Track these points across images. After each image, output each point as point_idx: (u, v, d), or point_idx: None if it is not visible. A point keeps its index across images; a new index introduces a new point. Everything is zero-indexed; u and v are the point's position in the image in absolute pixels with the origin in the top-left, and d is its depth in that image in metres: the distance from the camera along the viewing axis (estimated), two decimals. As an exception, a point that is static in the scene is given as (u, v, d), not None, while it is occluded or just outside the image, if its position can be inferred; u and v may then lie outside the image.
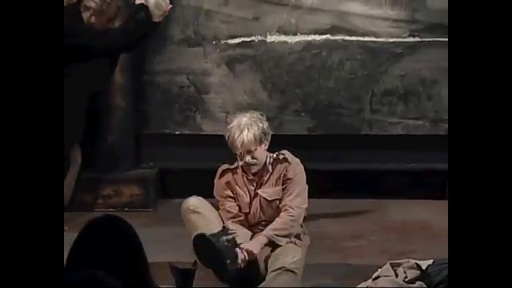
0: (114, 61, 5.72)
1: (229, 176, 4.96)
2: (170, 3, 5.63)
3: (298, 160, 4.94)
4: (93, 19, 5.53)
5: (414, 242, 5.63)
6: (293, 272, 4.63)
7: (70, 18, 5.32)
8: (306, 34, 6.77)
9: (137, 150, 6.82)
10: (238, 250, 4.61)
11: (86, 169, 6.06)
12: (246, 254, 4.63)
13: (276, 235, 4.76)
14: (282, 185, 4.88)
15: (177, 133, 6.86)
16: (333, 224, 6.02)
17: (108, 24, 5.61)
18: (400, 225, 6.07)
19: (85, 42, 5.41)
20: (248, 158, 4.79)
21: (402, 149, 6.74)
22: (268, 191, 4.89)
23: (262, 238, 4.76)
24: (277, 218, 4.82)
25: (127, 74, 6.60)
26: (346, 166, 6.67)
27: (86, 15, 5.53)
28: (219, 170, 5.00)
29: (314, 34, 6.80)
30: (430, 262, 4.61)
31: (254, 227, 4.93)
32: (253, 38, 6.78)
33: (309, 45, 6.79)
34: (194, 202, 4.92)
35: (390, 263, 4.65)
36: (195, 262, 4.06)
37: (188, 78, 6.83)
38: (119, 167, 6.60)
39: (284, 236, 4.78)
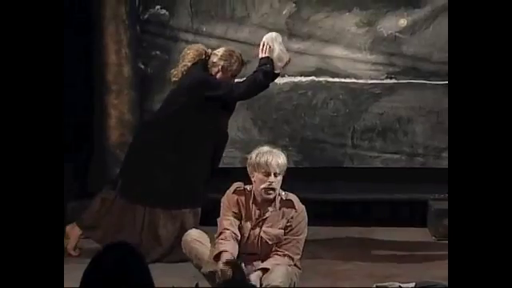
0: (234, 107, 6.08)
1: (241, 194, 5.09)
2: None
3: (302, 207, 5.12)
4: (219, 75, 5.88)
5: (398, 267, 5.83)
6: None
7: (203, 72, 5.79)
8: (293, 75, 7.15)
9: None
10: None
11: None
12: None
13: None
14: (285, 230, 5.04)
15: None
16: (322, 250, 6.13)
17: (232, 80, 5.93)
18: (385, 250, 6.28)
19: (220, 94, 5.78)
20: (273, 179, 4.96)
21: (381, 180, 7.04)
22: (269, 232, 5.04)
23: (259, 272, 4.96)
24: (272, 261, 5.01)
25: (135, 113, 6.97)
26: (330, 196, 6.94)
27: (213, 71, 5.87)
28: (234, 186, 5.15)
29: (301, 75, 7.18)
30: (412, 284, 5.06)
31: (242, 255, 5.06)
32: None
33: (296, 85, 7.17)
34: (196, 233, 5.23)
35: (377, 286, 5.08)
36: (197, 284, 4.21)
37: None
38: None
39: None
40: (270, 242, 5.06)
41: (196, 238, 5.18)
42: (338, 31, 7.13)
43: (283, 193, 5.10)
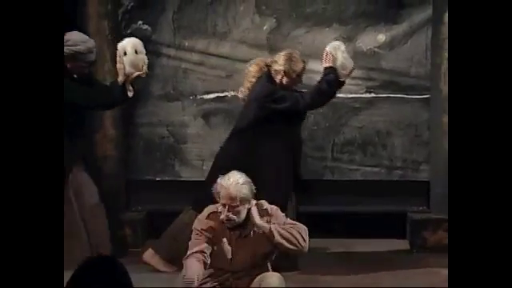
0: (305, 116, 6.14)
1: (215, 218, 4.92)
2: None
3: (274, 207, 4.99)
4: (284, 80, 5.93)
5: (378, 278, 5.96)
6: None
7: (268, 85, 5.82)
8: None
9: (126, 194, 7.16)
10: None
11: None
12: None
13: (279, 232, 4.80)
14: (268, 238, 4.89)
15: (157, 179, 7.23)
16: (302, 262, 6.07)
17: (298, 80, 5.97)
18: (365, 262, 6.37)
19: (286, 107, 5.83)
20: (228, 212, 4.82)
21: (361, 193, 7.15)
22: (254, 244, 4.89)
23: (267, 225, 4.80)
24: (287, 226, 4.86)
25: (119, 127, 7.01)
26: (311, 208, 6.85)
27: (277, 78, 5.93)
28: (206, 210, 4.99)
29: None
30: None
31: (236, 274, 4.93)
32: (226, 93, 7.23)
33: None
34: None
35: None
36: None
37: (168, 130, 7.25)
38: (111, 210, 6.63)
39: (286, 239, 4.81)
40: (257, 253, 4.93)
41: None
42: (319, 46, 7.08)
43: (254, 202, 4.96)
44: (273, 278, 4.85)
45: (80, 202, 6.04)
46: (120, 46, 5.73)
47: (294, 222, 4.99)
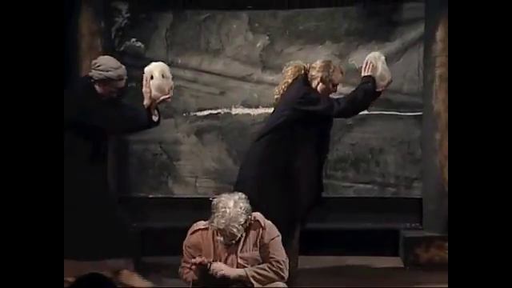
0: (331, 124, 6.06)
1: (198, 236, 4.99)
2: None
3: (269, 222, 5.00)
4: (320, 86, 5.88)
5: None
6: None
7: (304, 87, 5.78)
8: (267, 106, 7.15)
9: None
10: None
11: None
12: (216, 267, 4.84)
13: (254, 276, 4.86)
14: (260, 249, 4.93)
15: (150, 196, 7.24)
16: (295, 278, 5.98)
17: (333, 90, 5.92)
18: (358, 279, 6.38)
19: (319, 110, 5.76)
20: (227, 240, 4.86)
21: (354, 210, 7.16)
22: (246, 257, 4.93)
23: (241, 271, 4.87)
24: (265, 265, 4.91)
25: (112, 144, 6.74)
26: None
27: (313, 83, 5.88)
28: (193, 227, 5.06)
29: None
30: None
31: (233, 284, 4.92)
32: (219, 110, 7.26)
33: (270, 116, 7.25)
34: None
35: None
36: None
37: (161, 147, 7.28)
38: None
39: (260, 282, 4.86)
40: (249, 266, 4.95)
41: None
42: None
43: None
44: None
45: None
46: (147, 70, 5.68)
47: (275, 254, 4.97)
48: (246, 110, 7.30)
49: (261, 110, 7.29)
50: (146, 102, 5.59)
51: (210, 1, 7.31)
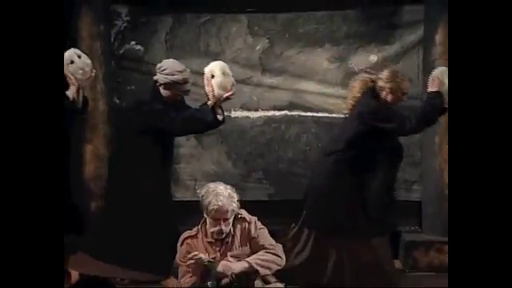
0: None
1: (187, 246, 5.04)
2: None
3: (254, 218, 5.10)
4: (389, 97, 5.80)
5: None
6: None
7: (374, 102, 5.74)
8: (266, 110, 7.28)
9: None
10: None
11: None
12: (224, 267, 4.88)
13: (257, 263, 4.93)
14: (250, 243, 5.01)
15: None
16: (294, 282, 5.84)
17: (402, 98, 5.85)
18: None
19: (392, 127, 5.69)
20: (223, 224, 4.95)
21: None
22: (237, 255, 4.98)
23: (244, 263, 4.93)
24: (261, 251, 4.99)
25: (110, 147, 6.86)
26: None
27: (382, 94, 5.80)
28: (181, 238, 5.11)
29: (274, 110, 7.31)
30: None
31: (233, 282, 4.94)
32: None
33: (269, 119, 7.29)
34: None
35: None
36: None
37: None
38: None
39: (264, 267, 4.95)
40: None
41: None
42: (311, 66, 7.27)
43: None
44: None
45: None
46: (207, 69, 5.68)
47: (266, 241, 5.06)
48: (246, 113, 7.31)
49: (260, 113, 7.30)
50: (210, 101, 5.58)
51: (210, 4, 7.31)
